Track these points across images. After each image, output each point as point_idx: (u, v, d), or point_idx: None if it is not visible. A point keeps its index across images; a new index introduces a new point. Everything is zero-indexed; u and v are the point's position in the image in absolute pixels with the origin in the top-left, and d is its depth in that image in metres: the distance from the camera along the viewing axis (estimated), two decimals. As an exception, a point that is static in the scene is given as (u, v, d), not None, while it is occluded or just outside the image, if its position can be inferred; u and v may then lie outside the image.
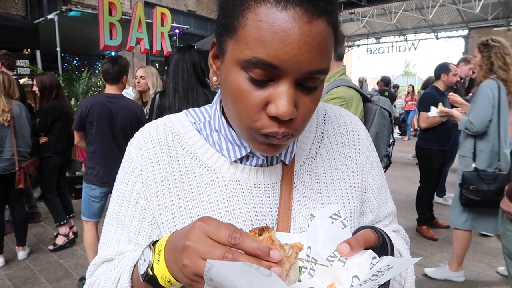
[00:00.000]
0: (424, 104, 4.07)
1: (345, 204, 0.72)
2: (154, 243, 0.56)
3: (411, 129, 12.48)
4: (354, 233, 0.61)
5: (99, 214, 3.20)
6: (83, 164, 5.84)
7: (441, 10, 14.71)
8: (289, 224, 0.67)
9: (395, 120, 12.53)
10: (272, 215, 0.68)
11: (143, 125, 2.39)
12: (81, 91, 5.93)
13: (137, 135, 0.74)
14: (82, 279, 3.27)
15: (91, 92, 7.13)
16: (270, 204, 0.68)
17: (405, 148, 9.86)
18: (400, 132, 13.12)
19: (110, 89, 3.13)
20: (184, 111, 0.77)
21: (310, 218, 0.59)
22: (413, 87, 13.08)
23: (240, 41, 0.53)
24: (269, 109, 0.54)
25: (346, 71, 2.55)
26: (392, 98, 4.65)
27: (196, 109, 0.77)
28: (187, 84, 2.44)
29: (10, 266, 3.62)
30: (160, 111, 2.47)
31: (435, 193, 4.78)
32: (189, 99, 2.43)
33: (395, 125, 12.86)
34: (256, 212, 0.67)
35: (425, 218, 4.33)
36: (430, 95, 4.10)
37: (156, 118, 2.51)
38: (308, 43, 0.51)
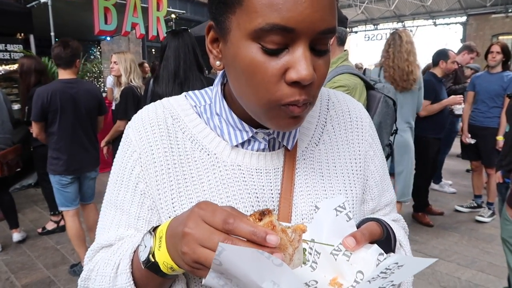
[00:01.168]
0: (425, 91, 4.03)
1: (347, 191, 0.71)
2: (154, 229, 0.55)
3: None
4: (358, 225, 0.61)
5: (77, 200, 3.16)
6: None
7: (439, -4, 14.60)
8: (291, 210, 0.66)
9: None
10: (273, 201, 0.67)
11: (103, 106, 2.37)
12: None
13: (135, 117, 0.71)
14: (73, 266, 3.26)
15: (86, 78, 7.05)
16: (271, 189, 0.67)
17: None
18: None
19: (65, 74, 2.99)
20: (184, 93, 0.75)
21: (315, 210, 0.58)
22: None
23: (249, 10, 0.51)
24: (290, 75, 0.52)
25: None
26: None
27: (196, 91, 0.75)
28: (189, 67, 2.39)
29: (7, 251, 3.63)
30: (154, 98, 2.35)
31: (431, 180, 4.80)
32: (189, 84, 2.38)
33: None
34: (257, 197, 0.66)
35: (421, 205, 4.36)
36: (429, 82, 4.01)
37: None
38: (319, 1, 0.50)
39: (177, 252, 0.48)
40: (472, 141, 4.31)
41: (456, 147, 5.46)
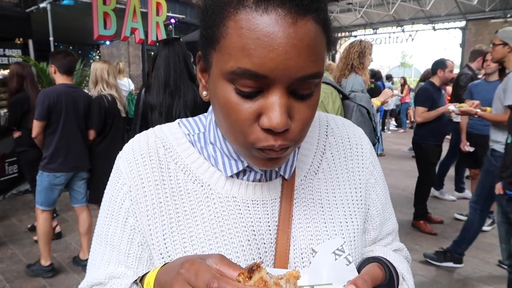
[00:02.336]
0: (420, 98, 4.13)
1: (348, 222, 0.68)
2: (142, 278, 0.52)
3: (407, 121, 12.47)
4: (359, 266, 0.58)
5: (55, 204, 3.32)
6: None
7: (438, 1, 14.60)
8: (289, 243, 0.63)
9: (392, 112, 12.49)
10: (270, 234, 0.64)
11: (89, 113, 2.30)
12: (75, 81, 5.82)
13: (126, 147, 0.69)
14: (30, 266, 3.33)
15: (85, 82, 7.00)
16: (268, 221, 0.64)
17: (401, 141, 9.86)
18: (396, 124, 13.11)
19: (65, 80, 3.21)
20: (177, 121, 0.72)
21: (312, 254, 0.56)
22: (404, 79, 13.02)
23: (223, 52, 0.49)
24: (262, 122, 0.50)
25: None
26: (378, 91, 4.65)
27: (190, 119, 0.72)
28: (179, 77, 2.38)
29: (3, 260, 3.59)
30: (146, 109, 2.38)
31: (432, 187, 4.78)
32: (180, 94, 2.38)
33: (392, 117, 12.84)
34: (253, 230, 0.63)
35: (422, 213, 4.34)
36: (426, 90, 4.15)
37: (140, 117, 2.42)
38: (295, 46, 0.46)
39: None
40: (471, 149, 4.30)
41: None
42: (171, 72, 2.38)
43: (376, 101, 3.32)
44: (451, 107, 3.89)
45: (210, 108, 0.68)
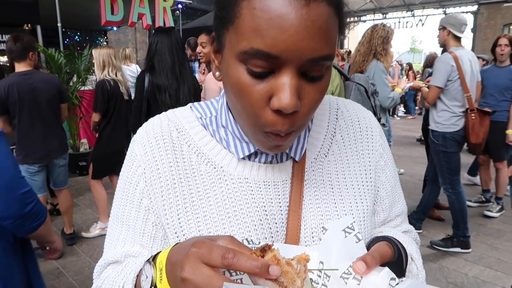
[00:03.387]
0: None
1: (358, 203, 0.69)
2: (154, 257, 0.53)
3: (416, 107, 12.35)
4: (368, 245, 0.59)
5: (44, 188, 3.35)
6: (86, 142, 5.87)
7: (450, -16, 14.32)
8: (299, 223, 0.64)
9: (401, 98, 12.34)
10: (282, 214, 0.65)
11: (64, 94, 2.37)
12: (83, 68, 5.84)
13: (140, 131, 0.70)
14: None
15: (93, 68, 7.02)
16: (280, 202, 0.65)
17: (409, 127, 9.81)
18: (405, 111, 12.99)
19: (19, 67, 3.09)
20: (189, 105, 0.73)
21: (322, 231, 0.57)
22: (410, 65, 12.84)
23: (237, 32, 0.50)
24: (272, 103, 0.51)
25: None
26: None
27: (201, 103, 0.73)
28: (181, 63, 2.60)
29: None
30: (154, 89, 2.55)
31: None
32: (184, 79, 2.60)
33: (401, 103, 12.71)
34: (265, 211, 0.64)
35: None
36: None
37: (149, 97, 2.58)
38: (307, 28, 0.47)
39: None
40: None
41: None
42: (175, 59, 2.57)
43: (397, 89, 3.34)
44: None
45: (222, 92, 0.69)
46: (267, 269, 0.41)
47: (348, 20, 18.76)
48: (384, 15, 18.47)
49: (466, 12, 16.19)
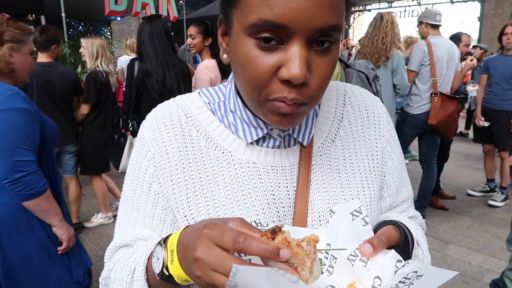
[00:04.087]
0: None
1: (365, 188, 0.70)
2: (165, 240, 0.55)
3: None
4: (375, 229, 0.60)
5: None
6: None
7: (457, -28, 14.11)
8: (307, 207, 0.66)
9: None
10: (289, 198, 0.66)
11: (79, 88, 2.42)
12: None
13: (149, 116, 0.71)
14: None
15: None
16: (287, 186, 0.67)
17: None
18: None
19: (41, 58, 3.24)
20: (198, 90, 0.74)
21: (330, 214, 0.58)
22: None
23: (244, 6, 0.51)
24: (281, 73, 0.51)
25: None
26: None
27: (210, 88, 0.74)
28: (164, 51, 2.68)
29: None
30: (143, 75, 2.64)
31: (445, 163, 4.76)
32: (169, 66, 2.67)
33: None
34: (273, 195, 0.66)
35: (435, 189, 4.33)
36: None
37: (138, 83, 2.66)
38: None
39: (190, 273, 0.48)
40: (486, 124, 4.24)
41: (470, 131, 5.37)
42: (157, 47, 2.65)
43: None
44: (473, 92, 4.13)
45: (230, 77, 0.70)
46: (278, 252, 0.42)
47: (353, 9, 18.58)
48: (390, 4, 18.25)
49: (473, 0, 15.98)
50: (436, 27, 3.64)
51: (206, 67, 3.20)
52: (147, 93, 2.64)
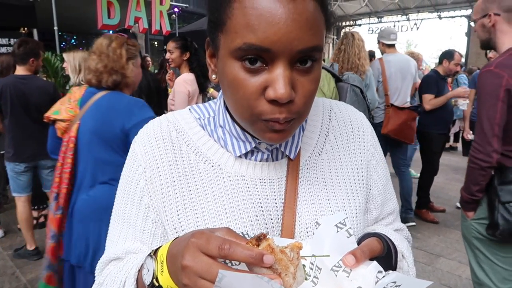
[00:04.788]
0: (426, 86, 4.12)
1: (351, 200, 0.72)
2: (156, 251, 0.56)
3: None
4: (359, 241, 0.61)
5: (29, 188, 3.42)
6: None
7: (444, -11, 14.46)
8: (295, 219, 0.67)
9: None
10: (277, 210, 0.68)
11: (55, 101, 2.41)
12: (79, 71, 5.85)
13: (141, 132, 0.73)
14: (18, 250, 3.50)
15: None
16: (275, 199, 0.68)
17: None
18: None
19: (19, 70, 3.25)
20: (188, 107, 0.76)
21: (315, 226, 0.59)
22: None
23: (230, 31, 0.54)
24: (268, 94, 0.54)
25: None
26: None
27: (200, 105, 0.76)
28: None
29: (12, 247, 3.66)
30: None
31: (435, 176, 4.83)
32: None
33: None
34: (261, 207, 0.67)
35: (425, 202, 4.38)
36: (431, 77, 4.16)
37: None
38: (295, 20, 0.51)
39: (178, 282, 0.49)
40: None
41: (459, 145, 5.43)
42: None
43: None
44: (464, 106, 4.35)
45: (220, 93, 0.72)
46: (262, 258, 0.44)
47: (343, 24, 18.89)
48: (380, 19, 18.61)
49: (460, 16, 16.36)
50: (391, 45, 4.03)
51: (184, 81, 3.27)
52: None
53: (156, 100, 2.83)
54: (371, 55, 7.58)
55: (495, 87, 1.69)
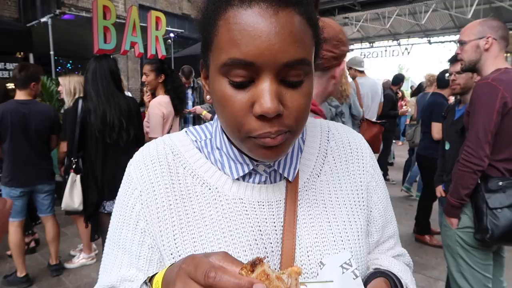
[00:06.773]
0: (437, 114, 3.83)
1: (351, 222, 0.71)
2: (151, 279, 0.54)
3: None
4: (366, 280, 0.60)
5: (23, 213, 3.35)
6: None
7: (433, 15, 14.81)
8: (295, 243, 0.65)
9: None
10: (276, 234, 0.66)
11: (57, 126, 2.50)
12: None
13: (136, 155, 0.72)
14: (7, 276, 3.38)
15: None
16: (274, 222, 0.66)
17: (400, 153, 9.89)
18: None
19: (19, 95, 3.24)
20: (185, 129, 0.75)
21: (320, 266, 0.57)
22: (402, 92, 13.07)
23: (216, 48, 0.54)
24: (255, 109, 0.53)
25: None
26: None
27: (196, 127, 0.75)
28: (106, 89, 2.70)
29: (1, 273, 3.55)
30: (85, 114, 2.68)
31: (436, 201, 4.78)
32: (111, 103, 2.68)
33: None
34: (260, 230, 0.65)
35: (427, 227, 4.31)
36: (441, 104, 3.85)
37: (81, 122, 2.67)
38: (278, 34, 0.50)
39: None
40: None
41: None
42: (99, 85, 2.69)
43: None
44: None
45: (216, 115, 0.71)
46: (251, 287, 0.41)
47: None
48: (371, 44, 19.00)
49: (449, 41, 16.74)
50: (362, 71, 4.58)
51: (159, 103, 3.30)
52: (90, 130, 2.66)
53: (137, 123, 2.82)
54: (401, 79, 7.83)
55: (492, 98, 1.81)
